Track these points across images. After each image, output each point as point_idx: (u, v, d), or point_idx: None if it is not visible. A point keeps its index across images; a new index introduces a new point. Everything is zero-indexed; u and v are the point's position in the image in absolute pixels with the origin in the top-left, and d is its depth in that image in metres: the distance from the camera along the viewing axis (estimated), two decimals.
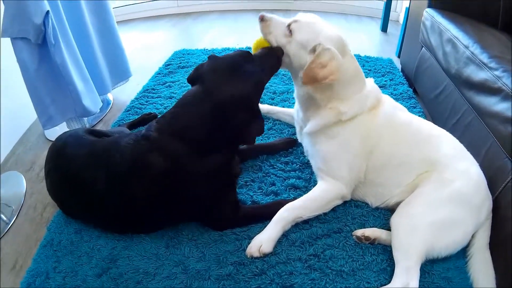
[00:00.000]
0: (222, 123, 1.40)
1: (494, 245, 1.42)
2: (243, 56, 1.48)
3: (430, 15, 2.26)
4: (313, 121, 1.63)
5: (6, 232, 1.67)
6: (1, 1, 1.80)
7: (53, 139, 2.18)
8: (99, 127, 2.33)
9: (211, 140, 1.42)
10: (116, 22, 2.50)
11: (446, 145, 1.58)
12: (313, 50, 1.50)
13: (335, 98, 1.58)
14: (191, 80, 1.52)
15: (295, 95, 1.73)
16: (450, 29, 2.01)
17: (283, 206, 1.53)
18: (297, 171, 1.84)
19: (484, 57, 1.68)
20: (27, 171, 2.02)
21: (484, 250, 1.41)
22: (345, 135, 1.59)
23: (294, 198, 1.59)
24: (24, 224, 1.70)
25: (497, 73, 1.56)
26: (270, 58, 1.56)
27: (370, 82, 1.67)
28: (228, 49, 3.25)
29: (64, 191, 1.58)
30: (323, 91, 1.57)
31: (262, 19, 1.62)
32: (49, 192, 1.67)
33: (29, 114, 2.14)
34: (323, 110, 1.60)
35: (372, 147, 1.58)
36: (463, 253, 1.44)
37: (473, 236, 1.43)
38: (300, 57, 1.56)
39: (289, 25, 1.57)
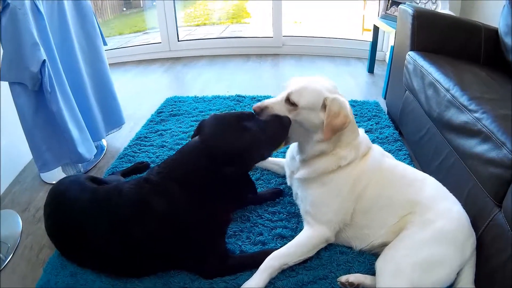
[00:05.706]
0: (215, 174, 1.45)
1: (480, 281, 1.44)
2: (243, 115, 1.54)
3: (413, 59, 2.30)
4: (311, 167, 1.68)
5: (2, 269, 1.68)
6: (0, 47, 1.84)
7: (49, 181, 2.23)
8: (93, 172, 2.36)
9: (206, 189, 1.47)
10: (109, 64, 2.55)
11: (428, 187, 1.63)
12: (324, 106, 1.58)
13: (338, 146, 1.64)
14: (194, 135, 1.59)
15: (305, 153, 1.70)
16: (432, 72, 2.04)
17: (269, 255, 1.55)
18: (284, 221, 1.85)
19: (464, 100, 1.71)
20: (23, 211, 2.04)
21: (470, 287, 1.43)
22: (338, 181, 1.64)
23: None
24: (20, 264, 1.72)
25: (476, 115, 1.59)
26: (276, 124, 1.56)
27: (361, 132, 1.75)
28: (218, 96, 3.29)
29: (65, 234, 1.60)
30: (332, 140, 1.63)
31: (260, 110, 1.61)
32: (48, 234, 1.68)
33: (26, 153, 2.16)
34: (325, 157, 1.65)
35: (361, 191, 1.63)
36: None
37: (458, 273, 1.44)
38: (313, 119, 1.60)
39: (287, 99, 1.62)
